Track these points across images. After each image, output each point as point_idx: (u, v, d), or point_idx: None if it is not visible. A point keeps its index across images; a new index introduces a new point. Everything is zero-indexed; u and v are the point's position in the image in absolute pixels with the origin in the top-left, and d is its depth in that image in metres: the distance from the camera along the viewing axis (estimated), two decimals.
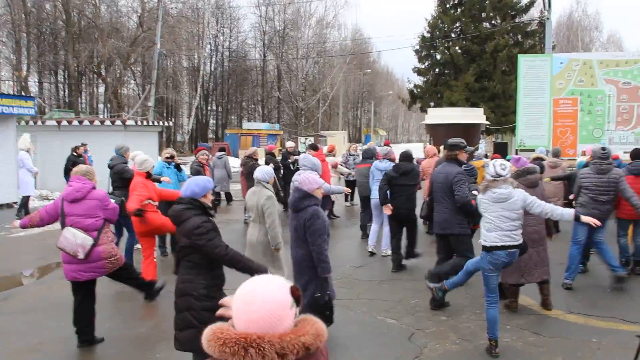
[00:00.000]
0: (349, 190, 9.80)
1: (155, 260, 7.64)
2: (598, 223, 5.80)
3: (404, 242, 9.01)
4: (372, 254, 9.92)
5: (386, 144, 18.33)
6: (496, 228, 5.46)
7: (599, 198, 7.46)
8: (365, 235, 11.28)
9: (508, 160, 7.28)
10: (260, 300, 1.55)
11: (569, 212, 5.59)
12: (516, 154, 21.33)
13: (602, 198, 7.46)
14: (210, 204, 4.54)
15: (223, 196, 15.42)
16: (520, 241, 5.54)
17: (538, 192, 6.38)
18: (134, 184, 7.50)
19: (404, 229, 8.98)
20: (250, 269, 4.35)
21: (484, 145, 23.38)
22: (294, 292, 1.61)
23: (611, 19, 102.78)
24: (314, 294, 5.33)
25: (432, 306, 6.85)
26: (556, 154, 11.11)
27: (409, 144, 54.08)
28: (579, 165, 10.35)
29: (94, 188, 5.68)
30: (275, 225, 6.06)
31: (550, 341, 5.80)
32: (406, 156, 9.12)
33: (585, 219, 5.67)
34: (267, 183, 6.32)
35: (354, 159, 15.09)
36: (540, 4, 27.67)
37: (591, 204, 7.49)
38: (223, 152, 14.88)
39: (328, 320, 5.39)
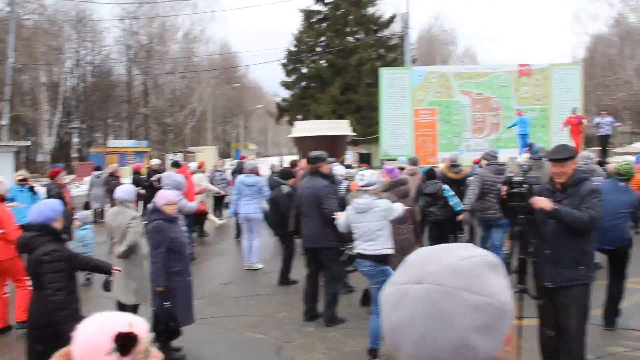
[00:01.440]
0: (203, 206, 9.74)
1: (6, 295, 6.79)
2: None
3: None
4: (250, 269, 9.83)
5: (242, 159, 18.10)
6: (360, 237, 5.49)
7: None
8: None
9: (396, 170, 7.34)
10: (78, 339, 1.49)
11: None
12: (381, 164, 22.02)
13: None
14: (61, 229, 4.20)
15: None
16: (384, 251, 5.48)
17: (409, 202, 6.44)
18: None
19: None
20: None
21: (352, 156, 23.54)
22: (119, 338, 1.47)
23: (467, 35, 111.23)
24: (160, 303, 5.38)
25: (305, 318, 6.89)
26: (414, 162, 11.34)
27: (281, 157, 54.25)
28: (472, 173, 10.46)
29: None
30: (136, 243, 5.95)
31: None
32: (285, 173, 9.29)
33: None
34: (130, 202, 6.19)
35: (220, 175, 15.06)
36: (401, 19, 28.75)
37: (488, 204, 7.71)
38: (100, 172, 15.43)
39: (173, 333, 5.35)
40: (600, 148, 19.36)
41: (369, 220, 5.45)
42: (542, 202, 4.39)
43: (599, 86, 44.11)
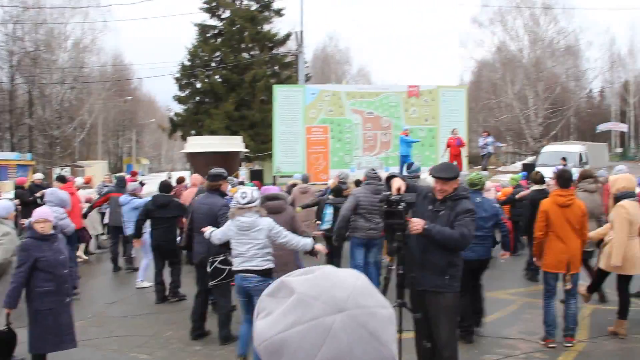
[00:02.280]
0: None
1: None
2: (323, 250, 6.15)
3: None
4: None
5: (133, 175, 17.47)
6: (240, 254, 5.44)
7: (375, 218, 7.52)
8: (116, 268, 11.11)
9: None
10: None
11: (306, 242, 5.70)
12: (273, 180, 21.89)
13: (377, 218, 7.49)
14: None
15: None
16: (265, 266, 5.47)
17: (286, 218, 6.28)
18: None
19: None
20: None
21: (245, 172, 23.18)
22: None
23: (361, 54, 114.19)
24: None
25: (192, 337, 6.83)
26: (305, 180, 11.36)
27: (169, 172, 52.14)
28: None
29: None
30: (5, 260, 5.74)
31: None
32: (164, 187, 9.06)
33: (318, 247, 5.92)
34: (6, 219, 5.93)
35: (109, 190, 14.16)
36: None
37: (367, 224, 7.60)
38: None
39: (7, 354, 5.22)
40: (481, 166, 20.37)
41: (253, 238, 5.39)
42: (415, 226, 4.45)
43: (484, 108, 47.03)
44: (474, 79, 55.96)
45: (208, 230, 6.00)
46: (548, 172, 11.12)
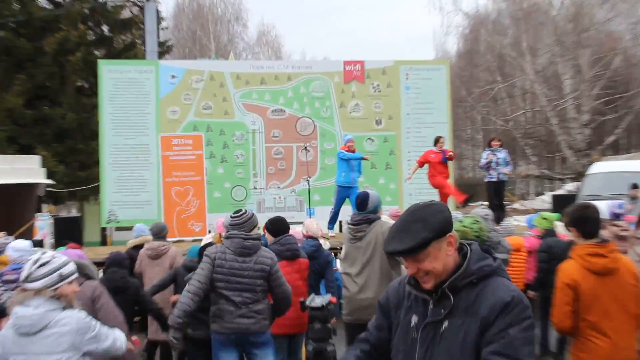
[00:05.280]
0: None
1: None
2: None
3: None
4: None
5: None
6: None
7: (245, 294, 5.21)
8: None
9: None
10: None
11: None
12: (102, 237, 14.64)
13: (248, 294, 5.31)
14: None
15: None
16: None
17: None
18: None
19: None
20: None
21: (46, 223, 15.46)
22: None
23: (264, 9, 73.12)
24: None
25: None
26: (158, 234, 7.58)
27: None
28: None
29: None
30: None
31: None
32: None
33: None
34: None
35: None
36: None
37: (232, 308, 5.34)
38: None
39: None
40: (490, 202, 11.59)
41: (42, 352, 3.29)
42: None
43: (483, 99, 31.59)
44: (464, 48, 35.60)
45: None
46: (603, 210, 5.42)
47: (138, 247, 7.70)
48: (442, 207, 2.24)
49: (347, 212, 10.31)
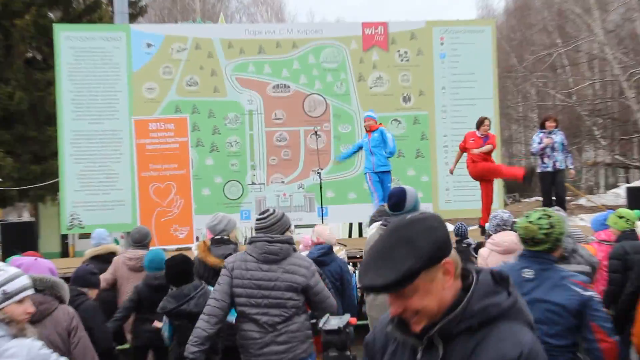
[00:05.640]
0: None
1: None
2: None
3: None
4: None
5: None
6: None
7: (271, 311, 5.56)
8: None
9: None
10: None
11: None
12: (62, 245, 15.71)
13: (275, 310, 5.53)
14: None
15: None
16: None
17: (60, 328, 4.28)
18: None
19: None
20: None
21: None
22: None
23: None
24: None
25: None
26: (139, 240, 7.44)
27: None
28: None
29: None
30: None
31: None
32: None
33: None
34: None
35: None
36: None
37: (257, 331, 5.51)
38: None
39: None
40: (546, 197, 10.10)
41: None
42: None
43: (535, 69, 28.24)
44: (515, 3, 32.81)
45: None
46: None
47: (99, 257, 7.04)
48: (434, 222, 1.89)
49: (355, 210, 10.36)
